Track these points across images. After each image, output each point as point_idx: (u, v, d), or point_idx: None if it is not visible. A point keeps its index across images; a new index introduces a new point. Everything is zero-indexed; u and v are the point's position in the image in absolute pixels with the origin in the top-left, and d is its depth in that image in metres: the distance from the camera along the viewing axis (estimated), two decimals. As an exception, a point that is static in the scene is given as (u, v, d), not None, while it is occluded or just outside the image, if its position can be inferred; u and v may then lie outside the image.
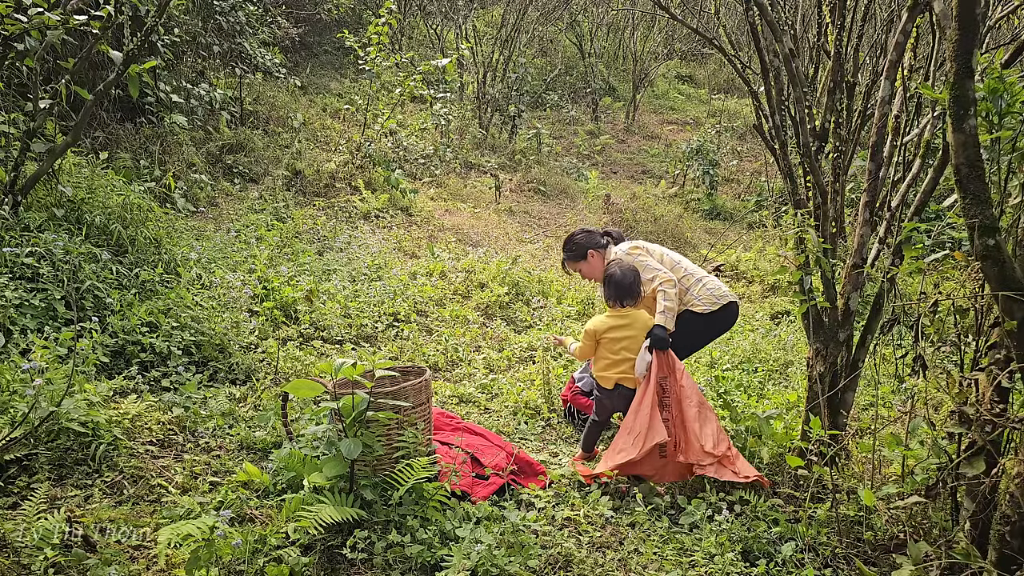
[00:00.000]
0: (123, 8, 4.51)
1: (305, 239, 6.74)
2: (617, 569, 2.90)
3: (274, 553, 2.61)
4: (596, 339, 3.78)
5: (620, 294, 3.77)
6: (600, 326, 3.77)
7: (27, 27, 4.02)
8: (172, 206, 6.35)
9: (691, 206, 10.55)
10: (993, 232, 2.17)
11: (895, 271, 3.09)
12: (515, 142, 11.70)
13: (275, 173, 8.16)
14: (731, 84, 16.83)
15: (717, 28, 8.95)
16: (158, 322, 4.09)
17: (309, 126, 9.40)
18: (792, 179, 3.52)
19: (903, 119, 3.40)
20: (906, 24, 3.15)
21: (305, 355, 4.50)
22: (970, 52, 2.11)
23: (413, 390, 3.08)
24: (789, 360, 5.21)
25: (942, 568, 2.42)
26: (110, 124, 6.85)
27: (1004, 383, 2.39)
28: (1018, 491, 2.21)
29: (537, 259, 7.68)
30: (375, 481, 2.96)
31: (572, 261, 4.15)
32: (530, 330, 5.71)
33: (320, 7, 12.09)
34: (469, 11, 13.11)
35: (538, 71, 14.79)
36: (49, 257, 3.97)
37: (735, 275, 7.83)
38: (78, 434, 3.05)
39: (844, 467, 3.49)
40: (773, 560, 2.94)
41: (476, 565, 2.65)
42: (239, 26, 9.02)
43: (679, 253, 4.20)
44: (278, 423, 3.51)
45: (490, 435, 3.82)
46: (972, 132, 2.16)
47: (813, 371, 3.50)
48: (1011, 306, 2.18)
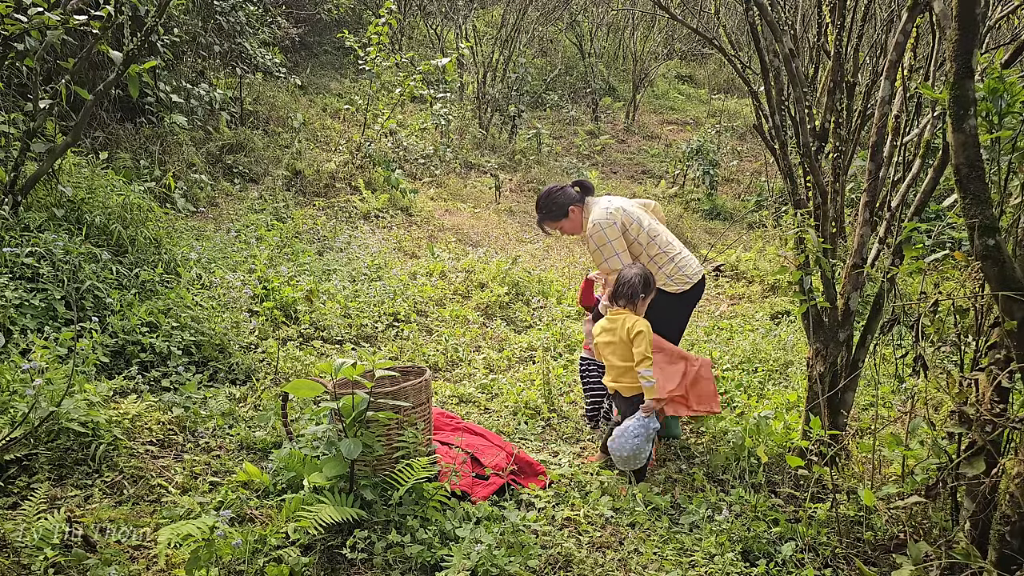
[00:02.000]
0: (123, 8, 4.51)
1: (305, 239, 6.75)
2: (617, 569, 2.90)
3: (274, 553, 2.61)
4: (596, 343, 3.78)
5: (613, 293, 3.70)
6: (595, 330, 3.77)
7: (27, 27, 4.02)
8: (172, 206, 6.35)
9: (691, 206, 10.55)
10: (993, 232, 2.17)
11: (895, 271, 3.09)
12: (515, 142, 11.70)
13: (275, 173, 8.16)
14: (731, 84, 16.82)
15: (717, 28, 8.96)
16: (158, 322, 4.09)
17: (309, 126, 9.40)
18: (792, 179, 3.52)
19: (903, 119, 3.40)
20: (906, 24, 3.15)
21: (305, 355, 4.50)
22: (970, 52, 2.11)
23: (413, 390, 3.08)
24: (789, 360, 5.21)
25: (942, 568, 2.42)
26: (110, 124, 6.86)
27: (1004, 383, 2.39)
28: (1018, 491, 2.21)
29: (537, 259, 7.68)
30: (375, 481, 2.96)
31: (553, 220, 4.06)
32: (530, 330, 5.71)
33: (320, 7, 12.09)
34: (469, 11, 13.10)
35: (538, 71, 14.79)
36: (49, 257, 3.97)
37: (735, 275, 7.83)
38: (78, 434, 3.05)
39: (844, 467, 3.49)
40: (773, 560, 2.94)
41: (476, 565, 2.65)
42: (239, 26, 9.01)
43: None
44: (278, 423, 3.51)
45: (490, 435, 3.82)
46: (972, 132, 2.16)
47: (813, 371, 3.50)
48: (1011, 306, 2.18)
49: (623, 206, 3.92)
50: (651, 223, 3.97)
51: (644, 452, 3.50)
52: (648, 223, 3.95)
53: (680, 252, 3.94)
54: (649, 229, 3.92)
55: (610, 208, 3.87)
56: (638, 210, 3.99)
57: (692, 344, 5.66)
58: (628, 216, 3.88)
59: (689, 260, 3.94)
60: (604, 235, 3.79)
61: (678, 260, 3.89)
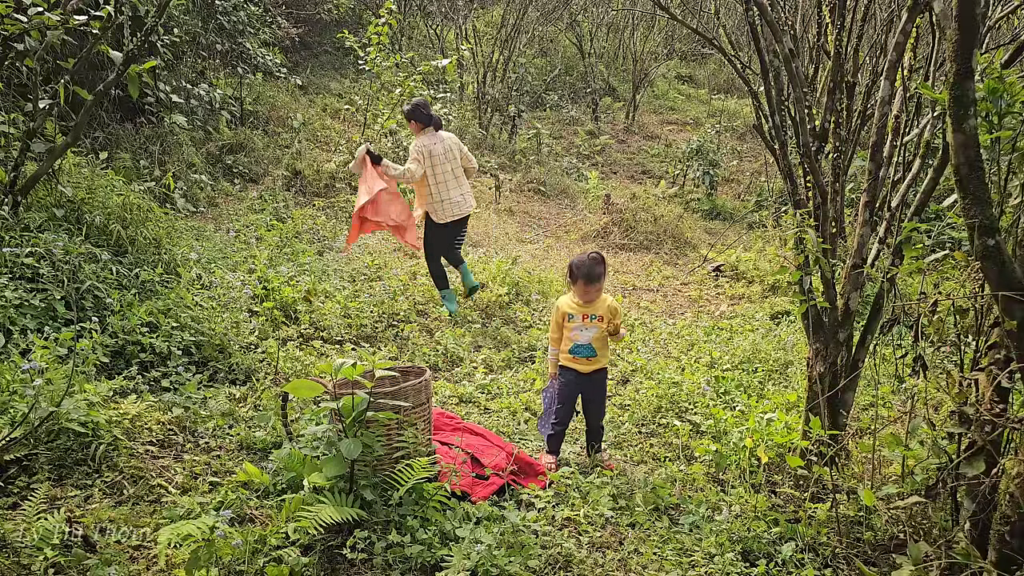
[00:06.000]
0: (123, 8, 4.51)
1: (305, 239, 6.75)
2: (617, 569, 2.89)
3: (274, 553, 2.61)
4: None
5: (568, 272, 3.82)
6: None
7: (27, 27, 4.02)
8: (172, 206, 6.35)
9: (691, 206, 10.54)
10: (993, 232, 2.17)
11: (895, 271, 3.09)
12: (515, 142, 11.70)
13: (275, 173, 8.16)
14: (731, 84, 16.83)
15: (717, 28, 8.96)
16: (158, 322, 4.09)
17: (309, 126, 9.40)
18: (792, 179, 3.52)
19: (903, 119, 3.40)
20: (906, 24, 3.15)
21: (305, 355, 4.50)
22: (970, 52, 2.11)
23: (413, 390, 3.08)
24: (789, 360, 5.21)
25: (942, 568, 2.42)
26: (110, 124, 6.86)
27: (1004, 383, 2.39)
28: (1018, 491, 2.21)
29: (537, 259, 7.68)
30: (375, 481, 2.96)
31: (407, 119, 5.67)
32: (530, 330, 5.71)
33: (320, 7, 12.10)
34: (469, 11, 13.10)
35: (538, 71, 14.79)
36: (49, 257, 3.97)
37: (735, 275, 7.83)
38: (78, 434, 3.05)
39: (844, 467, 3.49)
40: (773, 560, 2.94)
41: (476, 565, 2.65)
42: (240, 26, 9.01)
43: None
44: (278, 423, 3.51)
45: (490, 435, 3.82)
46: (972, 132, 2.16)
47: (813, 371, 3.50)
48: (1011, 306, 2.18)
49: (434, 151, 5.54)
50: (444, 170, 5.59)
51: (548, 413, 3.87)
52: (444, 170, 5.58)
53: (454, 199, 5.63)
54: (440, 174, 5.58)
55: (429, 145, 5.54)
56: (443, 157, 5.59)
57: (692, 344, 5.66)
58: (432, 154, 5.54)
59: (457, 206, 5.65)
60: (413, 152, 5.55)
61: (448, 205, 5.62)
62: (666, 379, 4.74)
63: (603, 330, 3.70)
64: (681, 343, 5.71)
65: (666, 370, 4.99)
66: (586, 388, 3.78)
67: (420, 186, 5.69)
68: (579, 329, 3.71)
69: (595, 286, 3.67)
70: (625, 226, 9.00)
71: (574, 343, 3.72)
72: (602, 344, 3.73)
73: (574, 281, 3.71)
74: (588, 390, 3.78)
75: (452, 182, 5.63)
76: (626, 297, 7.01)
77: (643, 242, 8.84)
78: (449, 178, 5.61)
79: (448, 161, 5.61)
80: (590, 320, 3.70)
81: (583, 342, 3.71)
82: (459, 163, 5.73)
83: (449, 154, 5.63)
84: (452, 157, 5.65)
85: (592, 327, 3.70)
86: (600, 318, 3.69)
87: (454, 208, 5.64)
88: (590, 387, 3.78)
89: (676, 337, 5.87)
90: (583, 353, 3.72)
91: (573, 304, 3.74)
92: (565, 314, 3.75)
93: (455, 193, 5.64)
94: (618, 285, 7.41)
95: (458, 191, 5.67)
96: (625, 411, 4.50)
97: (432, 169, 5.53)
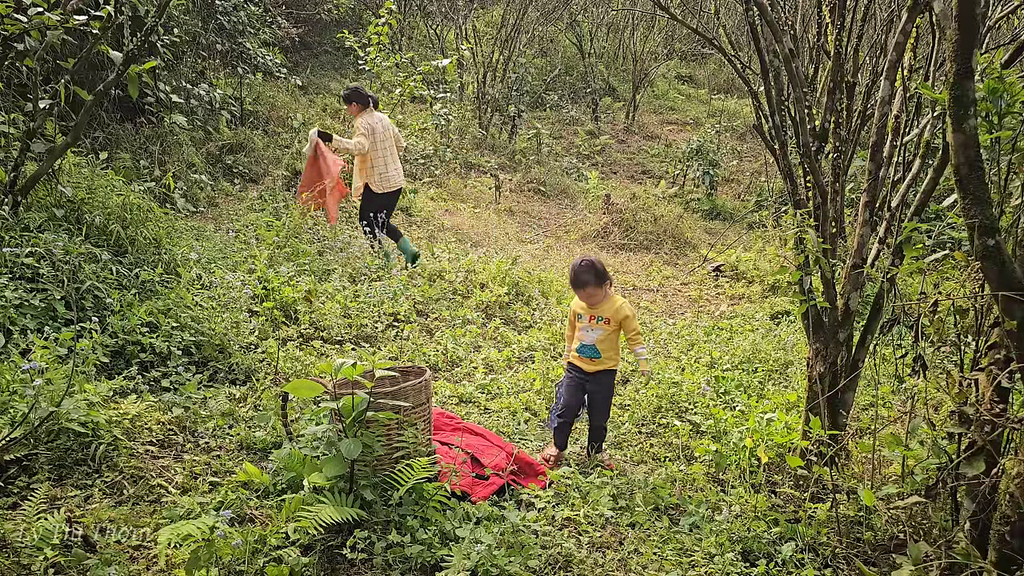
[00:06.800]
0: (123, 8, 4.51)
1: (305, 239, 6.74)
2: (617, 569, 2.89)
3: (274, 553, 2.61)
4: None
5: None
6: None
7: (27, 27, 4.01)
8: (172, 206, 6.35)
9: (691, 206, 10.55)
10: (993, 232, 2.17)
11: (895, 271, 3.09)
12: (515, 142, 11.70)
13: (275, 173, 8.16)
14: (731, 84, 16.83)
15: (717, 28, 8.96)
16: (158, 322, 4.09)
17: (309, 126, 9.40)
18: (792, 179, 3.52)
19: (903, 119, 3.40)
20: (906, 24, 3.15)
21: (305, 355, 4.50)
22: (970, 52, 2.11)
23: (413, 390, 3.08)
24: (789, 360, 5.21)
25: (942, 568, 2.42)
26: (110, 124, 6.86)
27: (1004, 383, 2.39)
28: (1018, 491, 2.21)
29: (537, 259, 7.68)
30: (375, 481, 2.96)
31: (347, 102, 6.52)
32: (530, 330, 5.71)
33: (320, 7, 12.10)
34: (469, 11, 13.11)
35: (538, 71, 14.79)
36: (49, 257, 3.97)
37: (735, 275, 7.83)
38: (78, 434, 3.05)
39: (844, 467, 3.49)
40: (773, 560, 2.93)
41: (476, 565, 2.65)
42: (240, 26, 9.02)
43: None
44: (278, 423, 3.51)
45: (490, 435, 3.82)
46: (972, 132, 2.16)
47: (813, 371, 3.50)
48: (1011, 306, 2.18)
49: (376, 129, 6.32)
50: (387, 148, 6.42)
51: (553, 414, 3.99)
52: (384, 149, 6.39)
53: (391, 172, 6.48)
54: (381, 151, 6.39)
55: (372, 123, 6.34)
56: (383, 135, 6.38)
57: (692, 344, 5.66)
58: (375, 130, 6.31)
59: (393, 178, 6.51)
60: (360, 128, 6.33)
61: (385, 175, 6.44)
62: (666, 379, 4.75)
63: (609, 332, 3.75)
64: (681, 343, 5.71)
65: (666, 370, 5.00)
66: (590, 387, 3.82)
67: (362, 160, 6.44)
68: (586, 330, 3.79)
69: (586, 291, 3.74)
70: (625, 226, 9.01)
71: (580, 343, 3.82)
72: (608, 346, 3.78)
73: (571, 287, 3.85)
74: (592, 389, 3.82)
75: (390, 157, 6.47)
76: (626, 297, 7.01)
77: (643, 242, 8.84)
78: (388, 153, 6.44)
79: (387, 139, 6.42)
80: (596, 321, 3.76)
81: (588, 342, 3.78)
82: (393, 142, 6.51)
83: (387, 132, 6.44)
84: (389, 136, 6.46)
85: (598, 328, 3.75)
86: (607, 320, 3.74)
87: (391, 180, 6.50)
88: (593, 386, 3.81)
89: (676, 337, 5.87)
90: (587, 353, 3.79)
91: (582, 304, 3.83)
92: (576, 313, 3.87)
93: (392, 168, 6.48)
94: (618, 285, 7.41)
95: (394, 166, 6.51)
96: (625, 411, 4.50)
97: (375, 144, 6.33)
